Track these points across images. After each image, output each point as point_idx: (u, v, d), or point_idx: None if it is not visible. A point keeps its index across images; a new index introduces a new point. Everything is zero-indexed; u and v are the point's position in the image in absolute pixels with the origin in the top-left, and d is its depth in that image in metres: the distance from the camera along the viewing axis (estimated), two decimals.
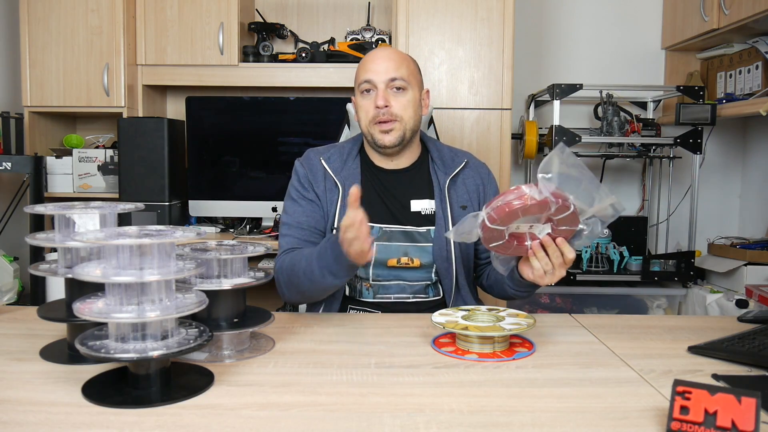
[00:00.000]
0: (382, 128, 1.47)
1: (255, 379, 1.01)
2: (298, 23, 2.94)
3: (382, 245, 1.50)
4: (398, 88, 1.47)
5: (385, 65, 1.47)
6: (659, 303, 2.72)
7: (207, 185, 2.72)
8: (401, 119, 1.47)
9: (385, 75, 1.46)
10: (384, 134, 1.47)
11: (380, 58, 1.49)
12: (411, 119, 1.49)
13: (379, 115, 1.46)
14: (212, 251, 1.12)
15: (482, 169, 1.61)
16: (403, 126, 1.48)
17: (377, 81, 1.46)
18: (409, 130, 1.50)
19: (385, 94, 1.46)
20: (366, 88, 1.48)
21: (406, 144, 1.52)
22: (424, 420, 0.86)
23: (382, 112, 1.46)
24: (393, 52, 1.51)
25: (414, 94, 1.50)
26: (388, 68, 1.47)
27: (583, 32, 3.02)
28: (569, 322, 1.37)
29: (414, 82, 1.50)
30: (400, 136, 1.48)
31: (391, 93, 1.47)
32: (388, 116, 1.46)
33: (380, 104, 1.45)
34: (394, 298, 1.51)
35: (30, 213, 2.25)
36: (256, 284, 1.11)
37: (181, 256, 1.06)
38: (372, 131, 1.49)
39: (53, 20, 2.60)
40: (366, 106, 1.49)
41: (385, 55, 1.49)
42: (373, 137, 1.49)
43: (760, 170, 2.91)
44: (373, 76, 1.47)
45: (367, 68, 1.48)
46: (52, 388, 0.96)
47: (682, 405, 0.79)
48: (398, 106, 1.47)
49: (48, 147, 2.77)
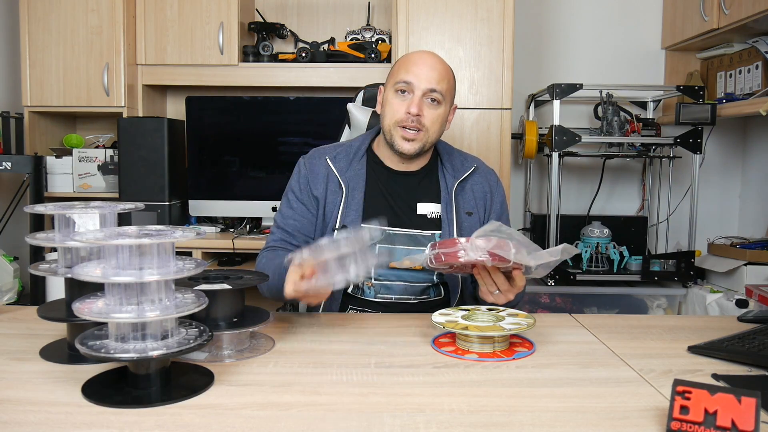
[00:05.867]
0: (405, 135, 1.44)
1: (255, 378, 1.01)
2: (298, 23, 2.94)
3: (384, 248, 1.48)
4: (434, 100, 1.45)
5: (429, 74, 1.43)
6: (659, 303, 2.72)
7: (207, 185, 2.72)
8: (427, 131, 1.45)
9: (426, 83, 1.43)
10: (405, 141, 1.45)
11: (426, 65, 1.44)
12: (436, 132, 1.48)
13: (408, 120, 1.43)
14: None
15: (491, 177, 1.59)
16: (426, 137, 1.46)
17: (417, 86, 1.43)
18: (430, 142, 1.48)
19: (421, 102, 1.43)
20: (402, 88, 1.45)
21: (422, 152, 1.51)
22: (424, 420, 0.86)
23: (412, 119, 1.43)
24: (438, 61, 1.47)
25: (445, 109, 1.48)
26: (430, 78, 1.43)
27: (583, 32, 3.02)
28: (569, 322, 1.37)
29: (449, 98, 1.48)
30: (420, 147, 1.46)
31: (426, 103, 1.44)
32: (417, 125, 1.44)
33: (413, 112, 1.42)
34: (396, 298, 1.51)
35: (30, 213, 2.25)
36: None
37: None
38: (394, 133, 1.46)
39: (53, 20, 2.60)
40: (396, 106, 1.45)
41: (431, 63, 1.45)
42: (393, 139, 1.47)
43: (760, 170, 2.91)
44: (414, 79, 1.43)
45: (410, 69, 1.44)
46: (52, 388, 0.96)
47: (682, 405, 0.79)
48: (429, 118, 1.44)
49: (48, 147, 2.77)
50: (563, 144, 2.59)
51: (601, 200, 3.01)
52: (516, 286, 1.25)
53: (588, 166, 3.05)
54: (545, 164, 2.97)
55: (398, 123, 1.45)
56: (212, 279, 1.13)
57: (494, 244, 1.16)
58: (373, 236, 1.41)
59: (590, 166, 3.04)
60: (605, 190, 3.02)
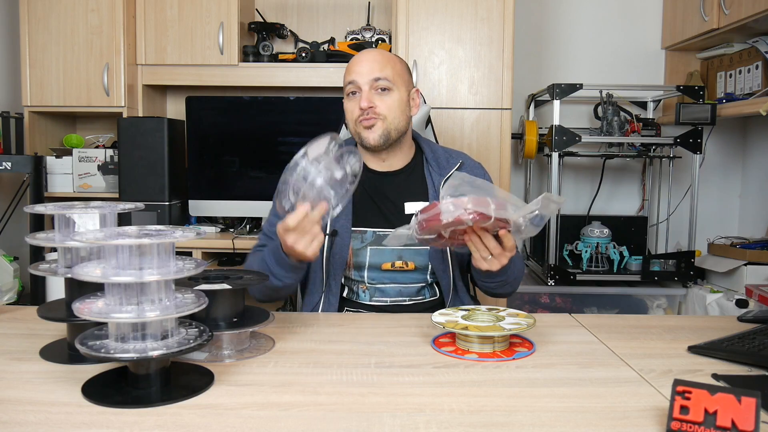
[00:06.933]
0: (365, 124, 1.47)
1: (255, 379, 1.01)
2: (298, 23, 2.94)
3: (375, 249, 1.50)
4: (383, 89, 1.46)
5: (369, 66, 1.47)
6: (659, 303, 2.72)
7: (207, 185, 2.72)
8: (385, 118, 1.46)
9: (368, 75, 1.46)
10: (368, 131, 1.47)
11: (364, 60, 1.48)
12: (396, 119, 1.48)
13: (363, 115, 1.46)
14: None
15: (478, 170, 1.59)
16: (387, 125, 1.47)
17: (361, 82, 1.46)
18: (395, 129, 1.48)
19: (369, 94, 1.46)
20: (351, 90, 1.48)
21: (394, 143, 1.51)
22: (424, 420, 0.86)
23: (366, 113, 1.45)
24: (377, 53, 1.50)
25: (400, 94, 1.48)
26: (372, 69, 1.46)
27: (583, 32, 3.02)
28: (569, 322, 1.37)
29: (400, 82, 1.49)
30: (383, 134, 1.47)
31: (376, 94, 1.46)
32: (372, 115, 1.46)
33: (363, 105, 1.45)
34: (391, 301, 1.51)
35: (30, 213, 2.25)
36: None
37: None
38: (358, 130, 1.49)
39: (53, 20, 2.59)
40: (351, 108, 1.49)
41: (369, 57, 1.49)
42: (359, 136, 1.49)
43: (760, 170, 2.91)
44: (356, 77, 1.47)
45: (351, 70, 1.48)
46: (52, 388, 0.96)
47: (682, 405, 0.79)
48: (383, 106, 1.46)
49: (48, 147, 2.77)
50: (563, 144, 2.59)
51: (601, 200, 3.01)
52: (507, 248, 1.25)
53: (588, 166, 3.05)
54: (545, 164, 2.97)
55: (357, 121, 1.48)
56: (212, 279, 1.13)
57: (473, 201, 1.14)
58: (333, 142, 1.36)
59: (590, 166, 3.04)
60: (605, 190, 3.02)
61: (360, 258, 1.50)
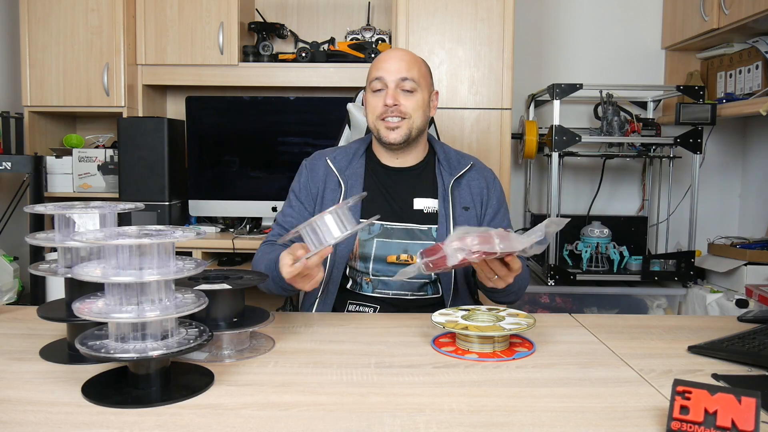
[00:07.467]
0: (388, 125, 1.50)
1: (255, 379, 1.01)
2: (298, 23, 2.94)
3: (381, 241, 1.52)
4: (408, 90, 1.50)
5: (397, 65, 1.50)
6: (659, 303, 2.72)
7: (207, 185, 2.72)
8: (410, 117, 1.50)
9: (396, 74, 1.50)
10: (390, 131, 1.50)
11: (393, 58, 1.52)
12: (419, 119, 1.52)
13: (387, 112, 1.49)
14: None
15: (488, 174, 1.63)
16: (410, 124, 1.51)
17: (388, 80, 1.50)
18: (416, 129, 1.52)
19: (395, 93, 1.49)
20: (377, 86, 1.52)
21: (412, 142, 1.55)
22: (424, 420, 0.86)
23: (391, 110, 1.49)
24: (406, 53, 1.55)
25: (423, 95, 1.53)
26: (399, 68, 1.50)
27: (583, 32, 3.02)
28: (569, 322, 1.37)
29: (424, 84, 1.53)
30: (406, 134, 1.51)
31: (401, 93, 1.50)
32: (397, 113, 1.49)
33: (389, 103, 1.48)
34: (393, 294, 1.53)
35: (30, 213, 2.25)
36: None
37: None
38: (378, 126, 1.52)
39: (53, 20, 2.59)
40: (375, 103, 1.52)
41: (398, 56, 1.53)
42: (379, 133, 1.53)
43: (760, 170, 2.91)
44: (384, 74, 1.50)
45: (380, 66, 1.52)
46: (52, 388, 0.96)
47: (682, 405, 0.79)
48: (408, 105, 1.50)
49: (48, 147, 2.77)
50: (563, 144, 2.59)
51: (601, 200, 3.01)
52: (513, 270, 1.26)
53: (588, 166, 3.05)
54: (545, 164, 2.97)
55: (379, 117, 1.51)
56: (212, 279, 1.13)
57: (478, 241, 1.15)
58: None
59: (590, 166, 3.04)
60: (605, 190, 3.02)
61: (366, 249, 1.52)
